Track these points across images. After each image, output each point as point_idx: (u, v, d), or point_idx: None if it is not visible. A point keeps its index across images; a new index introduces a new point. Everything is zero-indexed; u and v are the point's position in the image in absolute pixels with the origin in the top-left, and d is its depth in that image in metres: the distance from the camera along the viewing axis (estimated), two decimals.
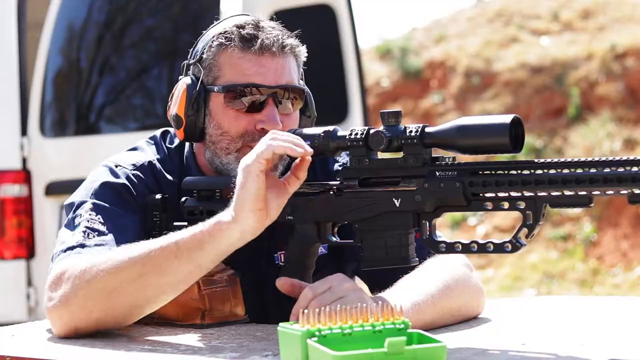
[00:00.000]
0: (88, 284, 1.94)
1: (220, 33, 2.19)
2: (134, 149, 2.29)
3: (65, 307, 1.96)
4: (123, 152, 2.29)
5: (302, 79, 2.26)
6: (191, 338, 1.98)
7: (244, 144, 2.17)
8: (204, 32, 2.26)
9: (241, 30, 2.18)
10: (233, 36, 2.17)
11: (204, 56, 2.20)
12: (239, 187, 1.87)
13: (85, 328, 1.97)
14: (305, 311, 1.62)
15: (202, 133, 2.21)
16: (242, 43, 2.17)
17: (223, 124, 2.18)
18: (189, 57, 2.26)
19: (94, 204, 2.13)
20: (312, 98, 2.28)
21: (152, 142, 2.31)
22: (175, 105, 2.21)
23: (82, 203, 2.14)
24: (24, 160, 5.18)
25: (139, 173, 2.20)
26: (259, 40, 2.16)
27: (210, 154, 2.22)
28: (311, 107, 2.27)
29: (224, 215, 1.89)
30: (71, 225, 2.12)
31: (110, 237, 2.07)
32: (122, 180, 2.18)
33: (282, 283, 1.99)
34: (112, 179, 2.17)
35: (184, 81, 2.22)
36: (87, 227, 2.09)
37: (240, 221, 1.87)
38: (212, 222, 1.90)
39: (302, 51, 2.23)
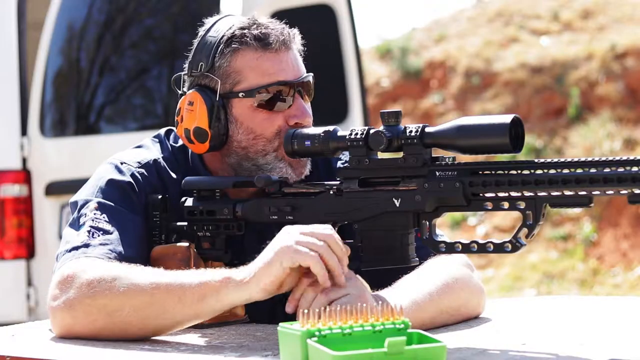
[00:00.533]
0: (93, 297, 1.93)
1: (229, 38, 2.16)
2: (139, 146, 2.29)
3: (69, 312, 1.95)
4: (128, 149, 2.28)
5: None
6: (191, 338, 1.97)
7: (280, 143, 2.15)
8: (195, 41, 2.21)
9: (251, 30, 2.16)
10: (246, 38, 2.15)
11: (217, 64, 2.16)
12: (266, 260, 1.84)
13: (84, 334, 1.96)
14: (305, 311, 1.62)
15: (224, 142, 2.19)
16: (257, 43, 2.14)
17: (255, 127, 2.16)
18: (188, 70, 2.20)
19: (99, 202, 2.12)
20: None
21: (157, 140, 2.30)
22: (195, 119, 2.16)
23: (87, 202, 2.14)
24: (24, 160, 5.18)
25: (144, 171, 2.20)
26: (272, 38, 2.15)
27: (239, 159, 2.18)
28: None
29: (237, 274, 1.87)
30: (76, 225, 2.11)
31: (114, 236, 2.07)
32: (127, 178, 2.17)
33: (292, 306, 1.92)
34: (118, 177, 2.17)
35: (196, 94, 2.17)
36: (92, 226, 2.08)
37: (250, 289, 1.85)
38: (223, 275, 1.88)
39: (299, 39, 2.23)
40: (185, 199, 2.16)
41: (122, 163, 2.20)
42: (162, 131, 2.32)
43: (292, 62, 2.17)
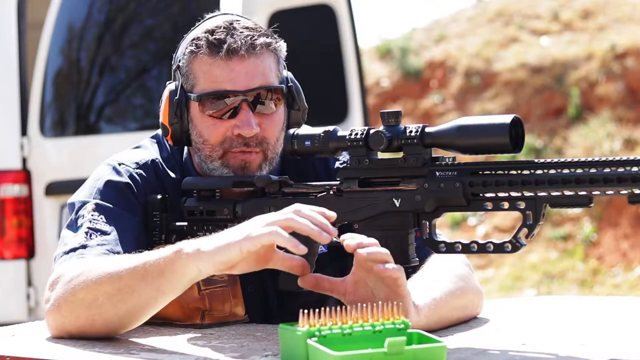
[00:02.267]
0: (73, 292, 1.93)
1: (192, 40, 2.18)
2: (137, 147, 2.29)
3: (58, 311, 1.96)
4: (126, 150, 2.28)
5: (285, 74, 2.22)
6: (191, 338, 1.97)
7: (224, 151, 2.16)
8: (185, 35, 2.24)
9: (209, 35, 2.15)
10: (201, 42, 2.15)
11: (180, 63, 2.20)
12: (228, 241, 1.77)
13: (76, 332, 1.96)
14: (306, 311, 1.62)
15: (189, 139, 2.21)
16: (210, 49, 2.14)
17: (203, 132, 2.18)
18: (172, 61, 2.25)
19: (96, 204, 2.12)
20: (299, 90, 2.25)
21: (155, 140, 2.30)
22: (161, 112, 2.22)
23: (84, 203, 2.14)
24: (24, 160, 5.18)
25: (142, 172, 2.20)
26: (226, 45, 2.13)
27: (199, 159, 2.22)
28: (300, 100, 2.24)
29: (190, 246, 1.83)
30: (74, 226, 2.11)
31: (112, 237, 2.07)
32: (125, 179, 2.17)
33: (307, 280, 1.88)
34: (116, 178, 2.17)
35: (169, 88, 2.22)
36: (89, 227, 2.08)
37: (201, 262, 1.80)
38: (174, 249, 1.84)
39: (280, 46, 2.20)
40: (185, 199, 2.16)
41: (119, 164, 2.20)
42: (160, 131, 2.32)
43: (246, 72, 2.14)
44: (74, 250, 2.05)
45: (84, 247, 2.04)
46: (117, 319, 1.92)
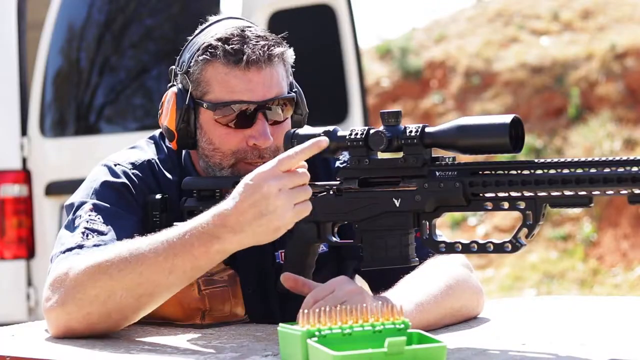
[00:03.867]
0: (83, 290, 1.93)
1: (206, 47, 2.15)
2: (133, 147, 2.29)
3: (63, 309, 1.95)
4: (122, 150, 2.28)
5: (290, 80, 2.22)
6: (191, 338, 1.98)
7: (237, 161, 2.16)
8: (190, 38, 2.22)
9: (225, 45, 2.13)
10: (218, 51, 2.13)
11: (191, 70, 2.17)
12: (258, 235, 1.83)
13: (81, 330, 1.96)
14: (306, 311, 1.62)
15: (195, 144, 2.20)
16: (228, 58, 2.12)
17: (214, 140, 2.16)
18: (176, 63, 2.23)
19: (94, 204, 2.12)
20: (302, 95, 2.25)
21: (152, 141, 2.30)
22: (167, 116, 2.19)
23: (82, 204, 2.14)
24: (24, 160, 5.18)
25: (138, 172, 2.20)
26: (245, 56, 2.11)
27: (204, 165, 2.20)
28: (302, 105, 2.25)
29: (213, 240, 1.85)
30: (71, 227, 2.11)
31: (109, 237, 2.07)
32: (122, 179, 2.17)
33: (286, 278, 1.97)
34: (112, 179, 2.17)
35: (173, 91, 2.20)
36: (86, 227, 2.08)
37: (226, 253, 1.87)
38: (209, 238, 1.86)
39: (290, 54, 2.20)
40: (185, 199, 2.16)
41: (115, 165, 2.20)
42: (157, 132, 2.32)
43: (263, 83, 2.14)
44: (70, 250, 2.05)
45: (80, 247, 2.04)
46: (136, 310, 1.95)
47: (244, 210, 1.81)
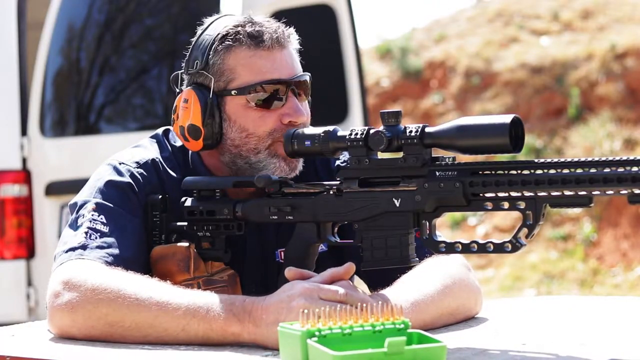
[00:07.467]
0: (96, 304, 1.92)
1: (224, 35, 2.16)
2: (137, 146, 2.28)
3: (70, 314, 1.95)
4: (126, 149, 2.28)
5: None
6: None
7: (273, 141, 2.15)
8: (193, 40, 2.22)
9: (245, 28, 2.15)
10: (240, 36, 2.15)
11: (211, 62, 2.16)
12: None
13: (78, 338, 1.96)
14: (305, 311, 1.62)
15: (220, 139, 2.19)
16: (251, 40, 2.14)
17: (247, 125, 2.16)
18: (185, 68, 2.21)
19: (97, 203, 2.12)
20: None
21: (155, 140, 2.29)
22: (189, 116, 2.17)
23: (85, 203, 2.14)
24: (24, 160, 5.18)
25: (142, 171, 2.19)
26: (267, 36, 2.14)
27: (232, 157, 2.18)
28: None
29: (243, 329, 1.85)
30: (74, 226, 2.11)
31: (112, 238, 2.07)
32: (127, 178, 2.17)
33: (292, 274, 1.92)
34: (116, 178, 2.16)
35: (191, 92, 2.18)
36: (89, 227, 2.08)
37: (261, 339, 1.84)
38: (229, 328, 1.85)
39: (295, 37, 2.23)
40: (185, 199, 2.16)
41: (120, 163, 2.19)
42: (160, 131, 2.32)
43: (287, 61, 2.17)
44: (73, 249, 2.04)
45: (83, 247, 2.04)
46: (138, 341, 1.92)
47: (269, 311, 1.82)
